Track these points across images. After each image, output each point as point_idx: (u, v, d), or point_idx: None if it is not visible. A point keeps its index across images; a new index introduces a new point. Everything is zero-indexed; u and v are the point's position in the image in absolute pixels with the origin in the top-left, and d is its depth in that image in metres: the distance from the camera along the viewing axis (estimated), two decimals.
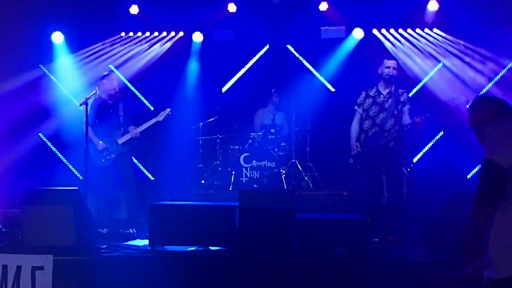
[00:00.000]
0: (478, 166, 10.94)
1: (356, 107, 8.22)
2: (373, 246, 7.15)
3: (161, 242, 7.00)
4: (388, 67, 7.85)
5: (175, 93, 12.05)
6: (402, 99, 7.92)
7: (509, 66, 11.14)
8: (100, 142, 8.77)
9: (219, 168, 11.11)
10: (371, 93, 8.06)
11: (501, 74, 11.21)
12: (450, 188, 8.59)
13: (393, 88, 7.71)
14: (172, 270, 6.44)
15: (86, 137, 8.23)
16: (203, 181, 11.12)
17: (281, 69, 12.39)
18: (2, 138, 10.03)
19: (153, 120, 9.13)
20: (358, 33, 11.75)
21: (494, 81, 11.22)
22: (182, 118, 11.65)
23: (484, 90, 11.16)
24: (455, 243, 6.77)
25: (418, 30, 11.71)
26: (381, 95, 7.95)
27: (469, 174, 10.96)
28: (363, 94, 8.14)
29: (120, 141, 8.90)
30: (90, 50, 12.08)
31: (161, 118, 9.17)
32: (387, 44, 11.77)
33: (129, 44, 12.32)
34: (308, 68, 12.41)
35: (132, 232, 8.37)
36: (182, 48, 12.36)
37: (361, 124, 8.16)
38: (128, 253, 6.87)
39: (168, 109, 9.29)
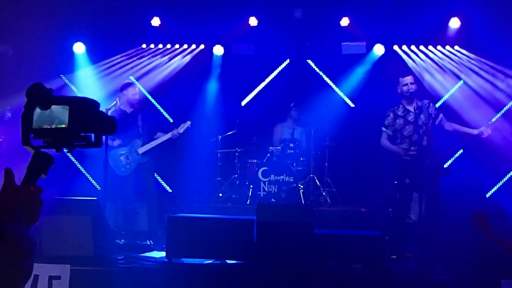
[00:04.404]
0: (497, 185, 10.87)
1: (384, 129, 8.00)
2: (391, 263, 7.09)
3: (178, 254, 7.00)
4: (406, 85, 7.78)
5: (195, 105, 12.06)
6: (430, 111, 7.82)
7: None
8: (116, 140, 8.75)
9: (237, 182, 11.09)
10: (399, 112, 7.84)
11: None
12: (469, 207, 8.47)
13: (418, 103, 7.69)
14: (188, 283, 6.44)
15: (105, 148, 8.27)
16: (220, 194, 11.10)
17: (301, 84, 12.37)
18: (22, 148, 10.06)
19: (172, 133, 8.98)
20: (379, 49, 11.71)
21: None
22: (201, 131, 11.66)
23: (505, 108, 11.08)
24: (474, 262, 6.74)
25: (439, 47, 11.64)
26: (411, 113, 7.77)
27: (488, 193, 10.85)
28: (391, 115, 7.90)
29: (141, 150, 8.87)
30: (111, 61, 12.10)
31: (181, 131, 9.01)
32: (408, 60, 11.71)
33: (150, 56, 12.36)
34: (328, 83, 12.39)
35: (149, 243, 8.37)
36: (202, 61, 12.36)
37: (391, 141, 7.98)
38: (145, 264, 6.88)
39: (189, 122, 9.09)
